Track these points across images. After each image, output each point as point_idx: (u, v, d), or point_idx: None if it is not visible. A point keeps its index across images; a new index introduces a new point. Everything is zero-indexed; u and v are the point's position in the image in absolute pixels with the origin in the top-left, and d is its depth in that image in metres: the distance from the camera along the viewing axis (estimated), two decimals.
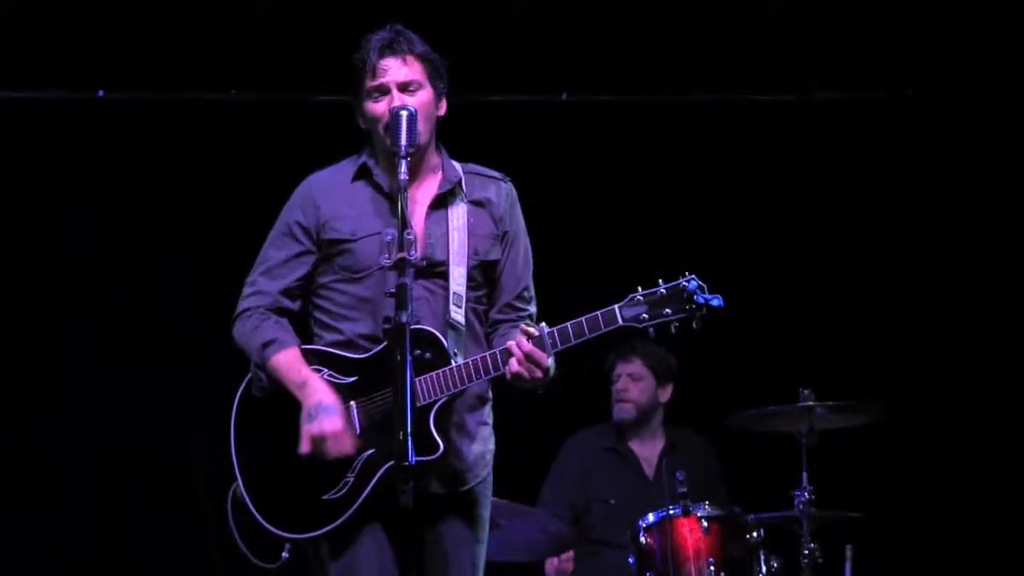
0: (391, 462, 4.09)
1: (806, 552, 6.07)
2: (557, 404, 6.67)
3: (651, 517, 6.10)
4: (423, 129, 4.27)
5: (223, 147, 7.14)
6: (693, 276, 4.05)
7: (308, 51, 6.93)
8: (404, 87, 4.29)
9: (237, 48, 6.97)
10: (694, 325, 4.04)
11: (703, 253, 6.79)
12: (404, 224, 4.04)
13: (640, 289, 4.07)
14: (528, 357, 4.08)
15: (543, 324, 4.12)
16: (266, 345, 4.33)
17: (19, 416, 7.10)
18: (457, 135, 4.49)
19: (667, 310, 4.04)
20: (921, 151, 7.35)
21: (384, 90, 4.29)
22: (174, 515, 6.95)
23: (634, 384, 6.84)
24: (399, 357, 3.89)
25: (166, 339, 7.12)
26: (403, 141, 4.14)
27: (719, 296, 4.03)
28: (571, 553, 6.54)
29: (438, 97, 4.36)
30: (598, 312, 4.10)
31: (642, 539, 6.09)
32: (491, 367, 4.15)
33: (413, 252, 4.01)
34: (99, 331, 7.19)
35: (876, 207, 7.43)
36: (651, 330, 4.07)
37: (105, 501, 7.13)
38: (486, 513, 4.40)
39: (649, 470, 6.84)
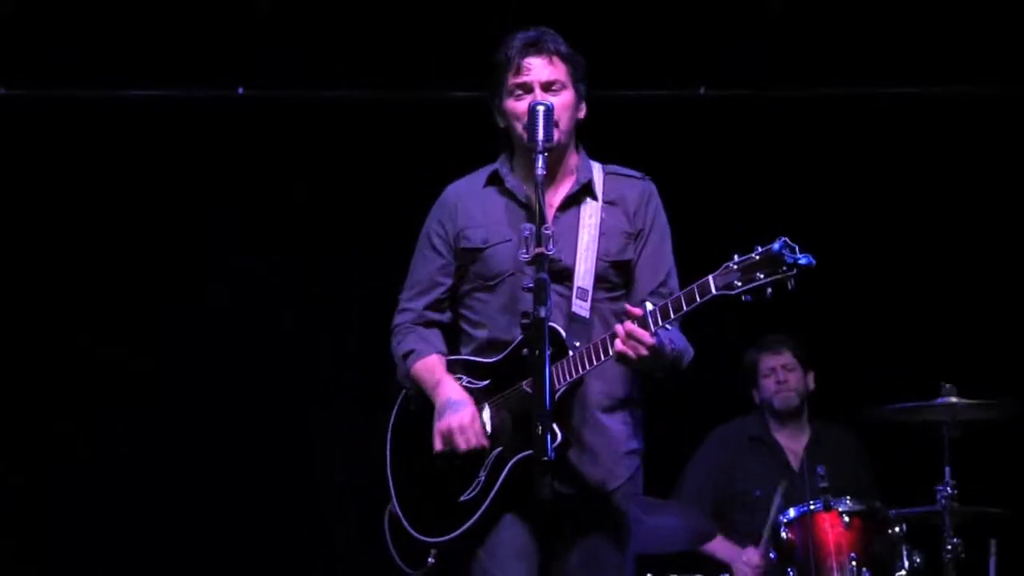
0: (519, 455, 4.17)
1: (949, 547, 5.98)
2: (693, 398, 6.76)
3: (792, 512, 6.12)
4: (564, 128, 4.31)
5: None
6: (783, 238, 3.97)
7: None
8: (547, 86, 4.32)
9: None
10: (789, 286, 3.94)
11: (844, 248, 6.80)
12: (542, 219, 4.09)
13: (736, 256, 4.01)
14: (630, 335, 4.06)
15: (647, 303, 4.12)
16: (406, 356, 4.46)
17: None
18: (594, 130, 4.52)
19: (759, 274, 3.95)
20: None
21: (527, 88, 4.32)
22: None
23: (791, 374, 6.86)
24: (538, 353, 3.93)
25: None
26: (540, 136, 4.17)
27: (808, 255, 3.94)
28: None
29: (579, 99, 4.38)
30: (693, 284, 4.05)
31: (783, 534, 6.11)
32: (601, 351, 4.14)
33: (551, 247, 4.06)
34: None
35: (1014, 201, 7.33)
36: (746, 296, 3.97)
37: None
38: (629, 516, 4.39)
39: (795, 462, 6.81)
